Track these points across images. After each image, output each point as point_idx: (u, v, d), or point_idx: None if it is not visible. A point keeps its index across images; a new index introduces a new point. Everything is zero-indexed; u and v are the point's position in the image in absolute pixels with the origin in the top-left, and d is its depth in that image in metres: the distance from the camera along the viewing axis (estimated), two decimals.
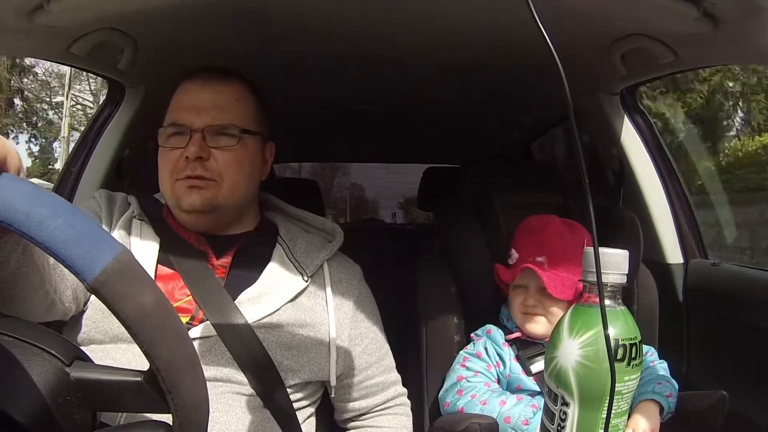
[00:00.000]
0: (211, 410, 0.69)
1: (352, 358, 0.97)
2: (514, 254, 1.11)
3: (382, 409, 1.03)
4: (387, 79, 1.49)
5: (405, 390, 1.07)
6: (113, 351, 0.85)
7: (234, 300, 0.89)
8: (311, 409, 0.98)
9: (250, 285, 0.91)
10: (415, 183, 2.73)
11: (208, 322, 0.87)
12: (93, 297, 0.78)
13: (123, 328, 0.43)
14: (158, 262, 0.91)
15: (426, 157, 2.79)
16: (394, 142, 2.40)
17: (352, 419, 1.03)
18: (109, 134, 1.35)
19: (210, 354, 0.86)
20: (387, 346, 1.05)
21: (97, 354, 0.83)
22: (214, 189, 0.90)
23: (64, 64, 1.14)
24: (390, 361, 1.05)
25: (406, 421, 1.05)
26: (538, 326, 1.05)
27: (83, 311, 0.87)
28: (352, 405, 1.01)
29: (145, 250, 0.91)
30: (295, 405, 0.92)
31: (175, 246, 0.93)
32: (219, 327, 0.86)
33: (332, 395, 0.99)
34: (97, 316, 0.86)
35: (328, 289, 0.96)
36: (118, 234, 0.92)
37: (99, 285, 0.42)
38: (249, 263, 0.94)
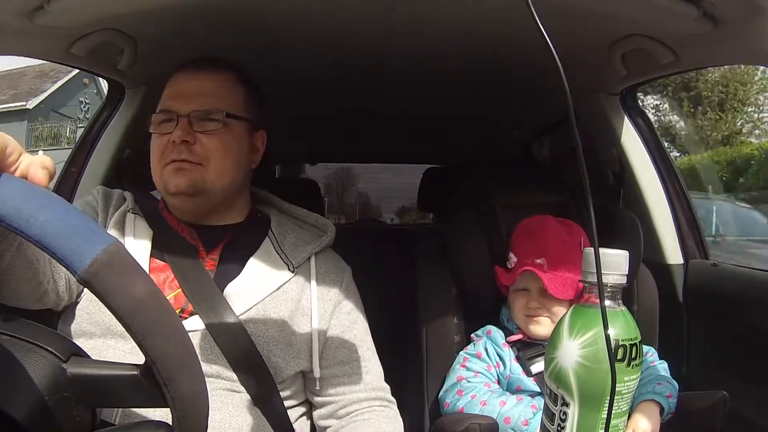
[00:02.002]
0: None
1: (331, 350, 0.95)
2: (513, 257, 1.11)
3: (364, 410, 0.95)
4: (387, 79, 1.49)
5: (390, 399, 1.00)
6: (105, 345, 0.85)
7: (222, 292, 0.89)
8: (303, 408, 0.98)
9: (236, 277, 0.92)
10: (414, 185, 2.73)
11: (197, 315, 0.87)
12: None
13: (116, 320, 0.43)
14: (151, 255, 0.92)
15: (426, 158, 2.79)
16: (395, 142, 2.40)
17: (329, 416, 0.97)
18: (109, 134, 1.35)
19: (198, 348, 0.86)
20: (372, 350, 1.00)
21: (89, 348, 0.84)
22: (200, 172, 0.91)
23: (64, 64, 1.13)
24: (374, 364, 0.99)
25: (386, 425, 0.95)
26: (542, 327, 1.05)
27: (77, 302, 0.88)
28: (328, 399, 0.96)
29: (138, 242, 0.92)
30: (288, 403, 0.93)
31: (167, 239, 0.94)
32: (207, 320, 0.87)
33: (317, 388, 0.94)
34: (91, 308, 0.87)
35: (314, 281, 0.96)
36: (112, 227, 0.93)
37: (90, 277, 0.42)
38: (237, 256, 0.95)
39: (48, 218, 0.42)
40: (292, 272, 0.94)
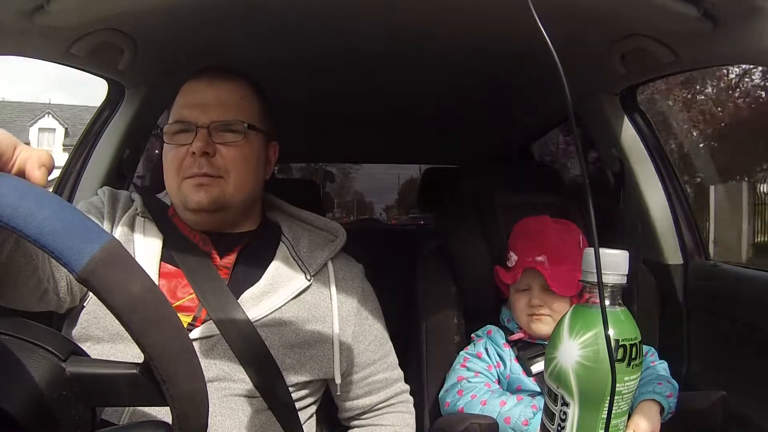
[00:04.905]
0: (213, 414, 0.68)
1: (355, 355, 0.97)
2: (513, 256, 1.11)
3: (386, 406, 1.03)
4: (387, 80, 1.49)
5: (408, 387, 1.07)
6: (114, 350, 0.85)
7: (237, 299, 0.89)
8: (312, 409, 0.98)
9: (253, 284, 0.91)
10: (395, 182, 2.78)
11: (210, 321, 0.87)
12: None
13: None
14: (161, 259, 0.91)
15: (426, 158, 2.80)
16: (395, 142, 2.40)
17: (355, 417, 1.03)
18: (109, 135, 1.35)
19: (212, 353, 0.86)
20: (390, 344, 1.05)
21: (97, 353, 0.83)
22: (221, 186, 0.90)
23: (64, 64, 1.13)
24: (393, 358, 1.05)
25: (409, 419, 1.05)
26: (545, 326, 1.05)
27: (83, 306, 0.87)
28: (355, 403, 1.01)
29: (149, 247, 0.91)
30: (297, 404, 0.92)
31: (178, 244, 0.93)
32: (221, 325, 0.86)
33: (337, 393, 0.98)
34: (98, 312, 0.85)
35: (333, 287, 0.96)
36: (121, 231, 0.92)
37: (87, 275, 0.42)
38: (252, 262, 0.94)
39: (45, 216, 0.42)
40: (309, 280, 0.94)
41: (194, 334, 0.85)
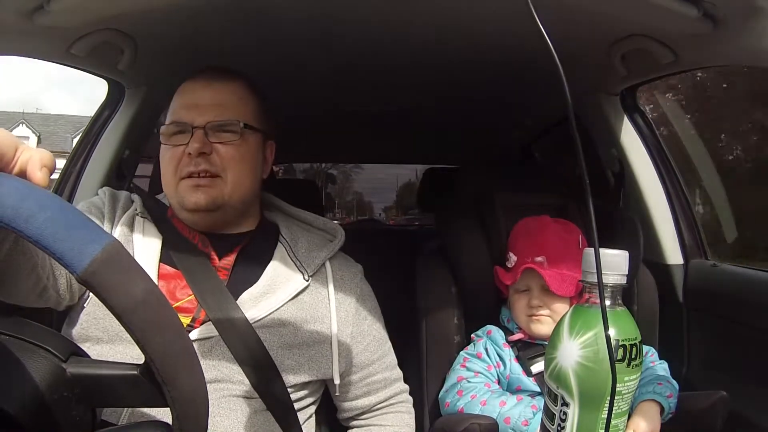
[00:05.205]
0: (212, 414, 0.68)
1: (354, 356, 0.97)
2: (512, 257, 1.11)
3: (385, 407, 1.03)
4: (387, 80, 1.49)
5: (407, 387, 1.07)
6: (113, 351, 0.84)
7: (236, 300, 0.89)
8: (311, 410, 0.98)
9: (252, 284, 0.91)
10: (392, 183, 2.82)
11: (209, 322, 0.87)
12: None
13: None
14: (160, 260, 0.91)
15: (426, 158, 2.80)
16: (395, 142, 2.40)
17: (354, 417, 1.04)
18: (109, 135, 1.35)
19: (211, 354, 0.86)
20: (389, 344, 1.05)
21: (96, 354, 0.83)
22: (219, 186, 0.90)
23: (64, 64, 1.13)
24: (392, 358, 1.05)
25: (408, 419, 1.05)
26: (545, 326, 1.05)
27: (83, 307, 0.87)
28: (354, 403, 1.01)
29: (148, 247, 0.91)
30: (296, 405, 0.92)
31: (178, 245, 0.93)
32: (220, 327, 0.86)
33: (336, 393, 0.98)
34: (98, 313, 0.85)
35: (331, 287, 0.96)
36: (120, 231, 0.92)
37: (89, 276, 0.42)
38: (251, 263, 0.94)
39: (46, 218, 0.42)
40: (307, 280, 0.94)
41: (193, 335, 0.85)
